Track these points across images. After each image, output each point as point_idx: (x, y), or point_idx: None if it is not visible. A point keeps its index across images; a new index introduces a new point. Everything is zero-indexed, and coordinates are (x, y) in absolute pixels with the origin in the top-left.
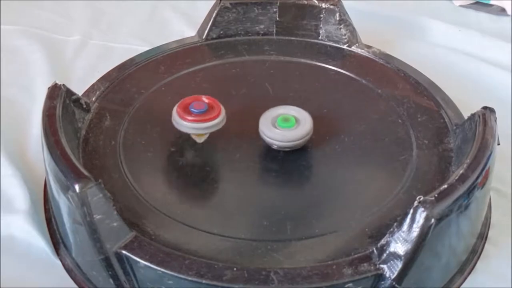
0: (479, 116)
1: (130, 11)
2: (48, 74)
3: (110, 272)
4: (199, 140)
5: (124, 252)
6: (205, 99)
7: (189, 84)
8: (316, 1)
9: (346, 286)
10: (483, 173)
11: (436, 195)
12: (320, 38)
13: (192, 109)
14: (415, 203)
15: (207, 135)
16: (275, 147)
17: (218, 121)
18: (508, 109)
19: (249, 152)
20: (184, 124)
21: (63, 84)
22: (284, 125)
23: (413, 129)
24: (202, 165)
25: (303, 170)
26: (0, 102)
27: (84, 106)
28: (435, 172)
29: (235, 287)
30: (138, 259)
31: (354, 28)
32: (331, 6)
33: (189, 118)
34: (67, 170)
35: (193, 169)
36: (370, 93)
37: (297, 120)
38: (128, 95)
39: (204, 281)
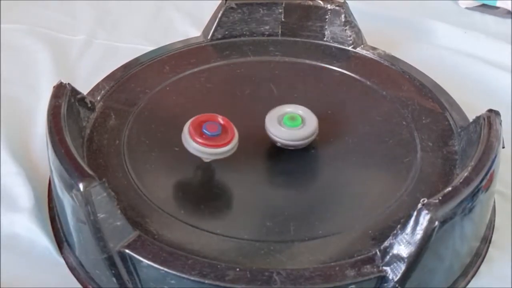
0: (484, 119)
1: (135, 11)
2: (53, 73)
3: (113, 271)
4: (206, 160)
5: (127, 251)
6: (220, 120)
7: (193, 84)
8: (321, 2)
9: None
10: (488, 176)
11: (440, 198)
12: (325, 39)
13: (205, 131)
14: (419, 206)
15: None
16: (279, 144)
17: (227, 149)
18: None
19: (253, 152)
20: (193, 146)
21: (68, 83)
22: (290, 124)
23: (418, 131)
24: (206, 165)
25: (307, 171)
26: (5, 101)
27: (89, 105)
28: (439, 175)
29: (237, 287)
30: (141, 258)
31: (359, 30)
32: (337, 8)
33: (200, 140)
34: (71, 168)
35: (197, 169)
36: (374, 94)
37: (303, 120)
38: (132, 94)
39: (206, 281)
